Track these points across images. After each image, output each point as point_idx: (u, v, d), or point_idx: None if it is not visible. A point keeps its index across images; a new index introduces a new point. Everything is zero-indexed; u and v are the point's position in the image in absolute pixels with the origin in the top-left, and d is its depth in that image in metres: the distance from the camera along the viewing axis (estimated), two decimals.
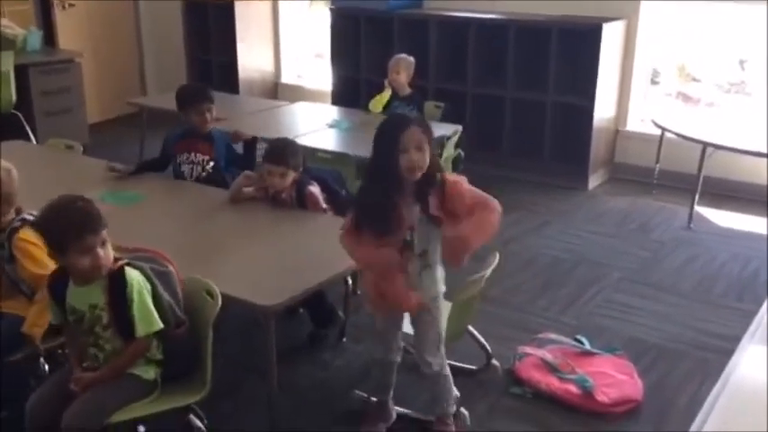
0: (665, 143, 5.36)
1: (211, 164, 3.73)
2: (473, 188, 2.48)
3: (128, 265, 2.29)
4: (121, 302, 2.25)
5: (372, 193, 2.46)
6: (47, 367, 2.79)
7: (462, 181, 2.48)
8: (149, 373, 2.37)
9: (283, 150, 3.28)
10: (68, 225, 2.21)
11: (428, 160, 2.40)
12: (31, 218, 2.67)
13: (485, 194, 2.48)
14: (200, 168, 3.74)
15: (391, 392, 2.85)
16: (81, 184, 3.06)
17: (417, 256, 2.49)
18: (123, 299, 2.25)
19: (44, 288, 2.51)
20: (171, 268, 2.42)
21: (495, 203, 2.46)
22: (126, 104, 6.06)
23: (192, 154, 3.75)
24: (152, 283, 2.31)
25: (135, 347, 2.31)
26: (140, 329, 2.27)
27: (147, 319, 2.27)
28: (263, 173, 3.31)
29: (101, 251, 2.23)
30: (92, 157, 4.31)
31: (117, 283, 2.26)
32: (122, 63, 7.70)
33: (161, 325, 2.29)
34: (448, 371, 2.71)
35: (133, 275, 2.27)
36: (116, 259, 2.30)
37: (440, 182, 2.43)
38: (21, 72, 6.00)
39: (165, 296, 2.34)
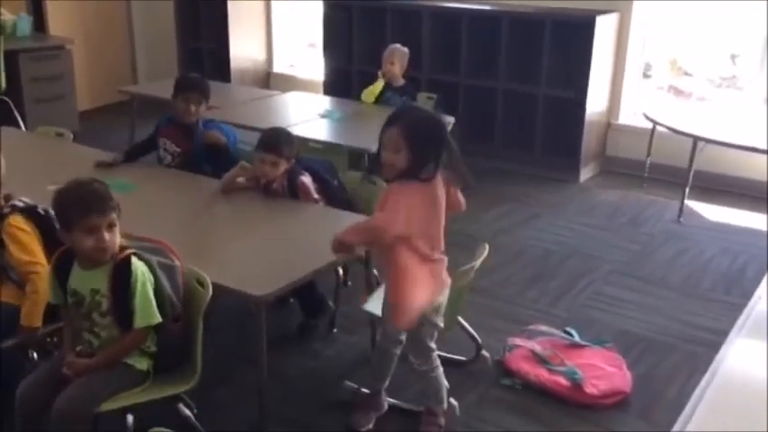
0: (657, 137, 5.37)
1: (181, 158, 3.71)
2: (389, 203, 2.41)
3: (135, 254, 2.29)
4: (124, 291, 2.25)
5: None
6: (35, 355, 2.79)
7: (392, 194, 2.43)
8: (143, 363, 2.37)
9: (276, 139, 3.27)
10: (77, 202, 2.22)
11: (403, 162, 2.38)
12: (22, 204, 2.65)
13: (387, 214, 2.41)
14: (170, 158, 3.74)
15: (386, 383, 2.86)
16: (71, 171, 3.03)
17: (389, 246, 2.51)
18: (126, 288, 2.24)
19: (34, 280, 2.51)
20: (177, 262, 2.41)
21: (383, 224, 2.41)
22: (117, 92, 6.02)
23: (169, 142, 3.74)
24: (155, 276, 2.31)
25: (133, 338, 2.31)
26: (139, 321, 2.27)
27: (147, 311, 2.27)
28: (255, 161, 3.29)
29: (106, 234, 2.22)
30: (82, 144, 4.29)
31: (122, 271, 2.25)
32: (113, 50, 7.65)
33: (159, 318, 2.29)
34: (439, 372, 2.72)
35: (139, 266, 2.27)
36: (124, 248, 2.29)
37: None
38: (10, 58, 5.94)
39: (167, 290, 2.34)
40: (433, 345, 2.66)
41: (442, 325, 2.64)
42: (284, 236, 2.99)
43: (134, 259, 2.27)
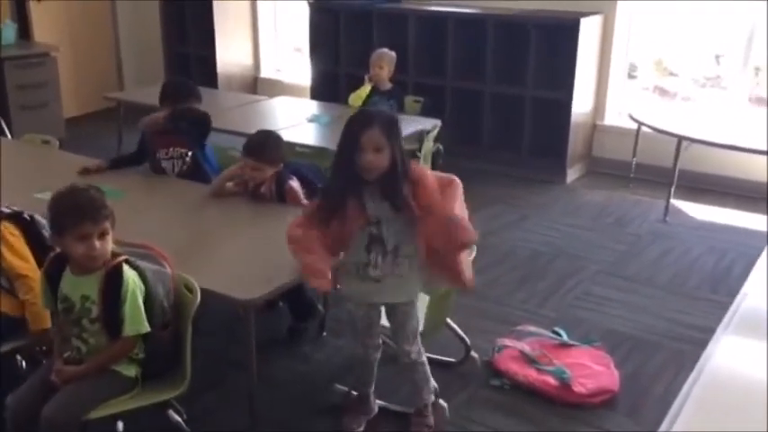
0: (642, 137, 5.41)
1: (189, 154, 3.69)
2: (433, 172, 2.53)
3: (126, 262, 2.29)
4: (114, 299, 2.25)
5: (333, 187, 2.51)
6: (24, 364, 2.78)
7: (422, 169, 2.53)
8: (131, 370, 2.37)
9: (258, 143, 3.27)
10: (70, 208, 2.22)
11: (387, 160, 2.39)
12: (8, 210, 2.66)
13: (443, 174, 2.53)
14: (180, 162, 3.71)
15: (372, 387, 2.87)
16: (57, 179, 3.03)
17: (390, 252, 2.50)
18: (116, 295, 2.25)
19: (29, 285, 2.51)
20: (168, 269, 2.42)
21: (453, 177, 2.50)
22: (103, 99, 6.01)
23: (172, 149, 3.72)
24: (146, 284, 2.31)
25: (122, 346, 2.31)
26: (128, 329, 2.27)
27: (136, 319, 2.27)
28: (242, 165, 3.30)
29: (97, 242, 2.22)
30: (68, 151, 4.28)
31: (113, 278, 2.26)
32: (99, 57, 7.63)
33: (148, 327, 2.29)
34: (425, 359, 2.74)
35: (130, 274, 2.27)
36: (116, 254, 2.29)
37: (406, 178, 2.42)
38: None
39: (158, 298, 2.34)
40: (418, 324, 2.69)
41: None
42: (273, 240, 2.98)
43: (125, 267, 2.28)
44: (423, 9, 6.10)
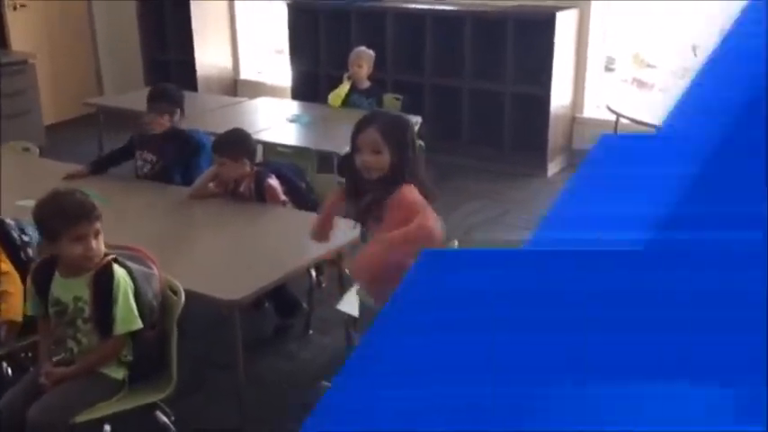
0: (621, 128, 5.44)
1: (159, 164, 3.70)
2: (419, 208, 2.29)
3: (115, 261, 2.31)
4: (105, 298, 2.27)
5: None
6: (10, 371, 2.78)
7: (413, 196, 2.30)
8: (119, 373, 2.38)
9: (222, 140, 3.32)
10: (63, 212, 2.25)
11: (387, 161, 2.33)
12: None
13: (426, 219, 2.27)
14: (148, 167, 3.73)
15: None
16: (39, 186, 3.03)
17: None
18: (108, 294, 2.27)
19: (7, 281, 2.52)
20: (155, 270, 2.43)
21: (430, 228, 2.24)
22: (82, 105, 5.98)
23: (145, 152, 3.74)
24: (135, 283, 2.33)
25: (113, 345, 2.33)
26: (119, 327, 2.29)
27: (128, 317, 2.29)
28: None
29: (93, 242, 2.25)
30: (49, 158, 4.27)
31: (103, 277, 2.28)
32: (78, 63, 7.59)
33: (140, 324, 2.31)
34: None
35: (120, 273, 2.30)
36: (104, 254, 2.32)
37: (394, 188, 2.33)
38: None
39: (147, 298, 2.36)
40: None
41: None
42: (254, 239, 3.01)
43: (115, 266, 2.30)
44: (401, 6, 6.12)
